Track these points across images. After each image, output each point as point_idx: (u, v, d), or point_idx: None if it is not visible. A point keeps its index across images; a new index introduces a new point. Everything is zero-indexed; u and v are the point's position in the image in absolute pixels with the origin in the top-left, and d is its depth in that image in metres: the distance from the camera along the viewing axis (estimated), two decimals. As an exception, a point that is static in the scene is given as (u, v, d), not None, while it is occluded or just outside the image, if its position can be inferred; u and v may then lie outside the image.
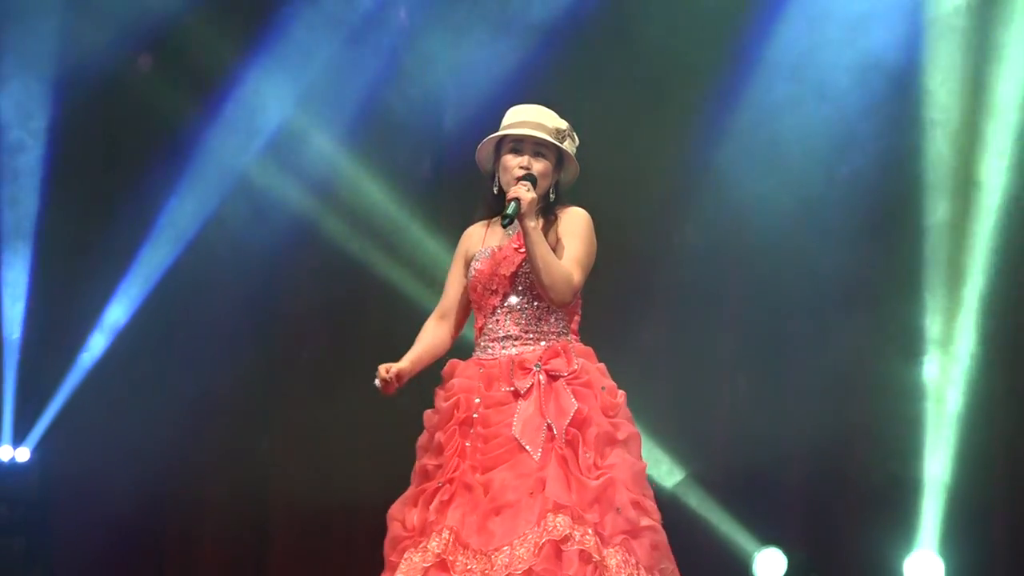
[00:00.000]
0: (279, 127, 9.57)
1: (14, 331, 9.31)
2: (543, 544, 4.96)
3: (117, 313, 9.39)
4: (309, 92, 9.49)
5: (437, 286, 7.32)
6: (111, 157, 9.76)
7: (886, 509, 7.91)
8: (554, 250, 5.22)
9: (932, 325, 7.97)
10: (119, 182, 9.66)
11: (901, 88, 8.39)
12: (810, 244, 8.34)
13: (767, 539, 8.07)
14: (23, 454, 8.76)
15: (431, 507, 5.15)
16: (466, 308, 5.44)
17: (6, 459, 8.75)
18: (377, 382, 5.23)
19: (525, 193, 5.08)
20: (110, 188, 9.67)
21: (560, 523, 4.96)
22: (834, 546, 8.05)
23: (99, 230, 9.39)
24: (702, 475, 8.23)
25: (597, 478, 5.07)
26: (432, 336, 5.43)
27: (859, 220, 8.32)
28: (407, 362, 5.31)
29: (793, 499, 8.25)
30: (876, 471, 8.05)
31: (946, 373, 7.94)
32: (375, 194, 9.17)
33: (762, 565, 8.00)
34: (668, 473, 8.22)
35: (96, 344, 9.22)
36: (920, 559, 7.73)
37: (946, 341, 8.07)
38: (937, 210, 8.14)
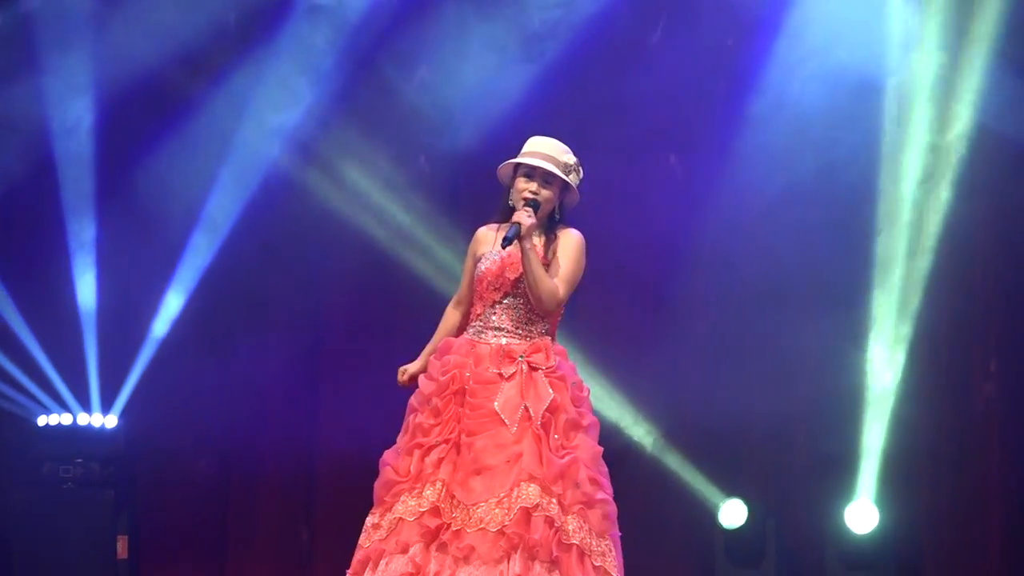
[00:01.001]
0: (308, 127, 9.83)
1: (89, 301, 9.82)
2: (516, 508, 5.59)
3: (185, 280, 9.86)
4: (335, 98, 9.78)
5: (452, 273, 8.35)
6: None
7: (831, 467, 8.53)
8: (550, 264, 5.86)
9: (876, 316, 8.51)
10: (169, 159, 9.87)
11: (859, 95, 8.68)
12: (771, 243, 8.79)
13: (731, 492, 8.68)
14: (111, 421, 9.46)
15: (427, 460, 5.76)
16: (471, 301, 6.05)
17: (97, 425, 9.47)
18: (399, 382, 6.00)
19: (526, 219, 5.70)
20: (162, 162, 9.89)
21: (531, 492, 5.62)
22: (787, 498, 8.69)
23: (157, 206, 9.80)
24: (677, 438, 8.82)
25: (563, 457, 5.72)
26: (451, 324, 6.08)
27: (815, 222, 8.69)
28: (419, 363, 6.02)
29: (753, 459, 8.88)
30: (823, 436, 8.61)
31: (884, 357, 8.50)
32: (398, 194, 9.53)
33: (726, 513, 8.60)
34: (647, 434, 8.77)
35: (164, 317, 9.77)
36: (858, 508, 8.32)
37: (886, 330, 8.55)
38: (887, 213, 8.52)
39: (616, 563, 5.72)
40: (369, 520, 5.87)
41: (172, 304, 9.75)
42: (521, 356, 5.81)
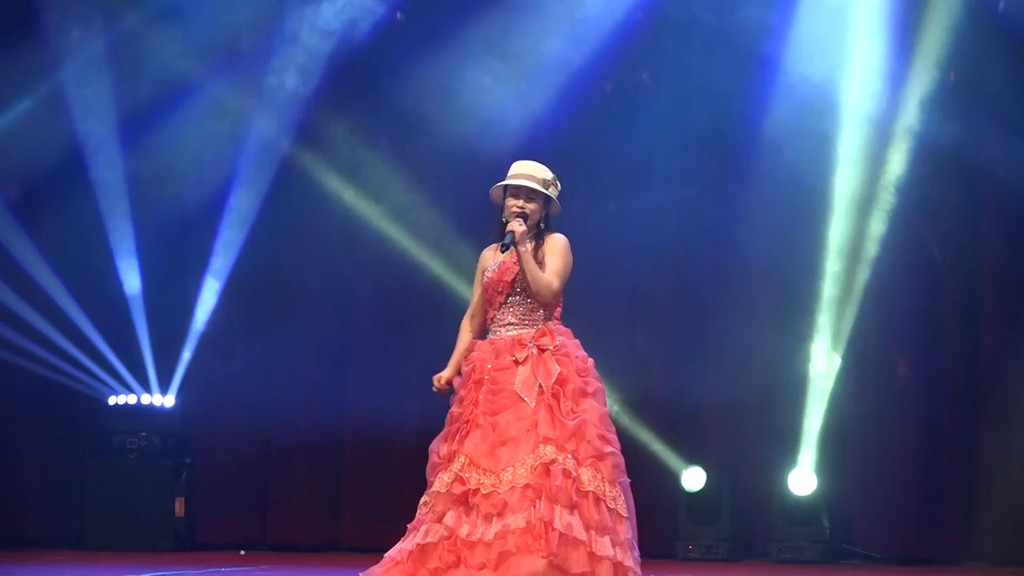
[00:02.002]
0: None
1: (134, 285, 10.21)
2: (536, 465, 5.93)
3: (218, 272, 10.21)
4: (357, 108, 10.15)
5: (464, 276, 8.88)
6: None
7: (777, 441, 9.30)
8: (541, 263, 6.23)
9: (818, 318, 9.25)
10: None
11: (814, 114, 9.27)
12: (732, 253, 9.52)
13: (692, 460, 9.42)
14: (169, 400, 10.13)
15: (454, 440, 6.14)
16: (485, 311, 6.35)
17: (158, 404, 10.10)
18: (434, 388, 6.27)
19: (518, 227, 6.11)
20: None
21: (548, 451, 5.96)
22: (740, 466, 9.44)
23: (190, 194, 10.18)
24: (647, 416, 9.44)
25: (573, 419, 6.04)
26: (467, 336, 6.43)
27: (771, 237, 9.38)
28: (450, 370, 6.33)
29: (711, 433, 9.61)
30: (771, 415, 9.33)
31: (824, 351, 9.25)
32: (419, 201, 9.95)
33: (688, 478, 9.34)
34: (620, 412, 9.28)
35: (204, 308, 10.20)
36: (799, 474, 9.13)
37: (826, 330, 9.27)
38: (833, 232, 9.22)
39: (626, 505, 6.04)
40: (422, 499, 6.20)
41: (208, 298, 10.15)
42: (531, 342, 6.16)
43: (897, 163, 9.21)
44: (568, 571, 5.91)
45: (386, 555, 6.22)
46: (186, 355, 10.16)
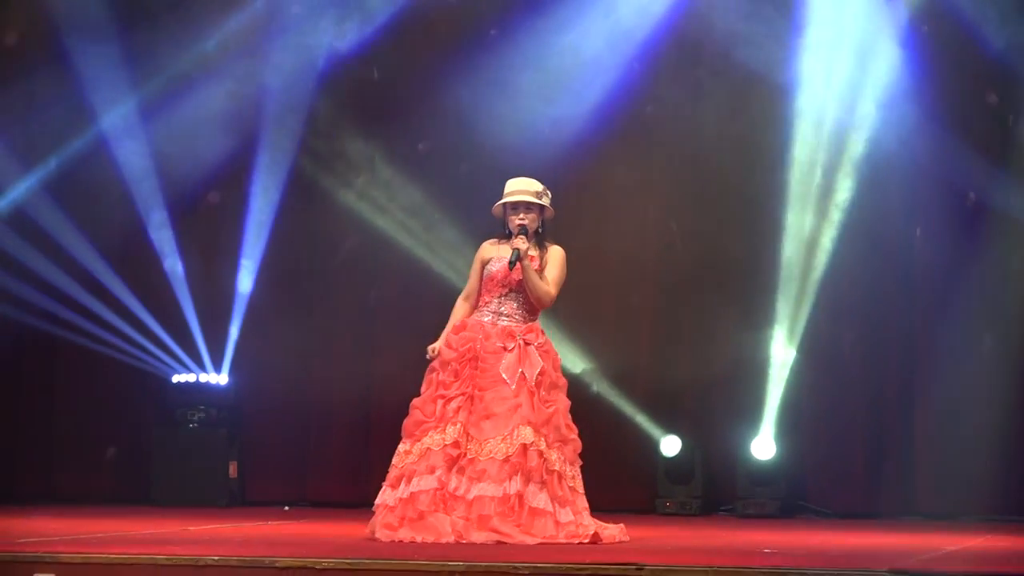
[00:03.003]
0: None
1: (176, 265, 10.49)
2: (516, 444, 6.52)
3: (252, 259, 10.46)
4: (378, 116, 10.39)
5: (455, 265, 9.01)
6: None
7: (742, 413, 9.79)
8: (542, 270, 6.77)
9: (778, 306, 9.74)
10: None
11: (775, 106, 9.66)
12: (704, 247, 10.00)
13: (669, 430, 9.88)
14: (223, 379, 10.55)
15: (448, 407, 6.62)
16: (479, 294, 6.88)
17: (213, 382, 10.54)
18: (427, 356, 6.82)
19: (521, 244, 6.70)
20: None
21: (527, 432, 6.57)
22: (710, 434, 9.92)
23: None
24: (630, 391, 9.92)
25: (549, 407, 6.68)
26: (460, 313, 6.92)
27: (737, 233, 9.86)
28: (441, 341, 6.81)
29: (686, 406, 10.07)
30: (738, 391, 9.84)
31: (783, 336, 9.75)
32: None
33: (666, 445, 9.78)
34: (606, 388, 9.78)
35: (243, 293, 10.51)
36: (761, 441, 9.65)
37: (786, 317, 9.77)
38: (793, 222, 9.70)
39: (580, 482, 6.72)
40: (401, 447, 6.69)
41: (245, 282, 10.47)
42: (519, 335, 6.74)
43: (846, 172, 9.62)
44: (536, 536, 6.47)
45: (376, 504, 6.74)
46: (233, 336, 10.49)
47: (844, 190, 9.68)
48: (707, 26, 9.74)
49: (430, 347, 6.83)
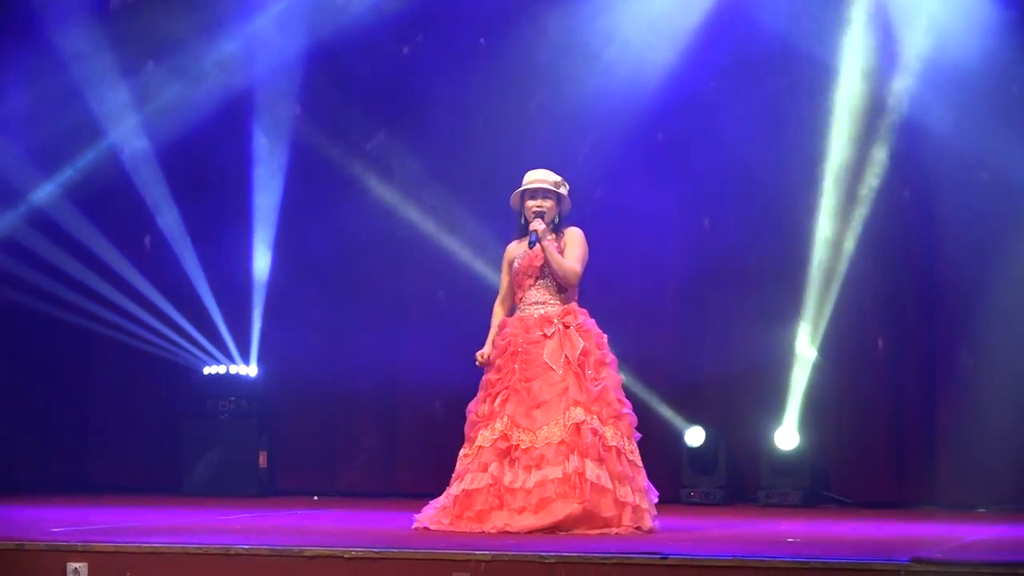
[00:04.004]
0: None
1: (191, 255, 10.54)
2: (569, 425, 6.60)
3: (264, 254, 10.52)
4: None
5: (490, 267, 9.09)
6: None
7: (767, 403, 9.78)
8: (563, 252, 6.92)
9: (804, 302, 9.76)
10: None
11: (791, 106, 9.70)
12: (730, 244, 9.98)
13: (693, 421, 9.88)
14: (253, 370, 10.64)
15: (495, 403, 6.78)
16: (513, 294, 7.03)
17: (243, 373, 10.63)
18: (477, 362, 6.94)
19: (539, 225, 6.87)
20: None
21: (578, 413, 6.65)
22: (734, 425, 9.91)
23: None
24: (656, 384, 9.87)
25: (597, 385, 6.72)
26: (499, 317, 7.06)
27: (765, 232, 9.84)
28: (488, 346, 6.95)
29: (710, 398, 10.05)
30: (762, 382, 9.80)
31: (808, 331, 9.78)
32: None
33: (690, 436, 9.78)
34: (634, 381, 9.50)
35: (259, 289, 10.56)
36: (785, 431, 9.65)
37: (810, 313, 9.76)
38: (821, 215, 9.74)
39: (639, 457, 6.78)
40: (461, 452, 6.84)
41: (262, 268, 10.51)
42: (556, 319, 6.84)
43: (874, 169, 9.65)
44: (598, 515, 6.55)
45: (432, 501, 6.90)
46: (257, 325, 10.60)
47: (871, 186, 9.73)
48: (738, 19, 9.85)
49: (478, 353, 6.96)
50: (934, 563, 5.30)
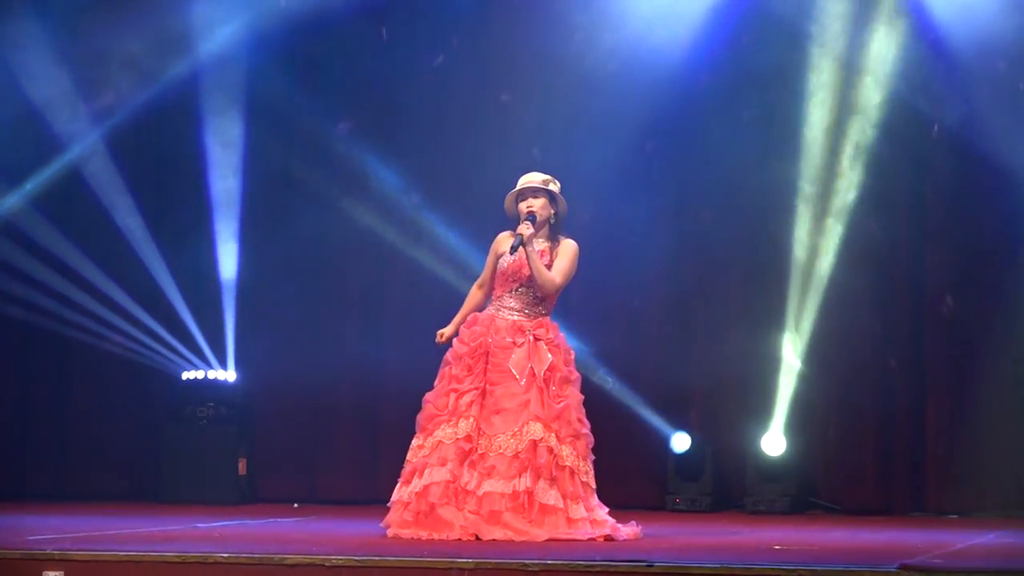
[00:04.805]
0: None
1: (155, 257, 10.41)
2: (526, 441, 6.58)
3: (230, 259, 10.42)
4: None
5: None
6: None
7: (754, 410, 9.81)
8: (553, 261, 6.84)
9: (789, 310, 9.76)
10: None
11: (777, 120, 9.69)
12: (716, 254, 10.04)
13: (679, 427, 9.85)
14: (232, 375, 10.52)
15: (461, 401, 6.70)
16: (493, 282, 6.99)
17: (222, 378, 10.48)
18: (437, 340, 6.92)
19: (526, 230, 6.74)
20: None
21: (537, 428, 6.64)
22: (720, 431, 9.89)
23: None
24: (643, 390, 9.86)
25: (559, 403, 6.72)
26: (475, 301, 7.03)
27: (752, 243, 9.89)
28: (452, 327, 6.93)
29: (696, 405, 10.06)
30: (748, 388, 9.82)
31: (793, 340, 9.79)
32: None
33: (676, 442, 9.75)
34: (618, 386, 9.72)
35: (241, 294, 10.51)
36: (771, 437, 9.64)
37: (795, 320, 9.76)
38: (804, 218, 9.74)
39: (593, 478, 6.73)
40: (414, 442, 6.78)
41: (235, 276, 10.48)
42: (529, 331, 6.82)
43: (853, 168, 9.64)
44: (547, 533, 6.52)
45: (392, 500, 6.85)
46: (230, 328, 10.52)
47: (854, 187, 9.72)
48: (726, 24, 9.88)
49: (439, 332, 6.93)
50: (923, 570, 5.29)
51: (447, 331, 6.95)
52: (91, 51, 10.08)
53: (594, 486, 6.68)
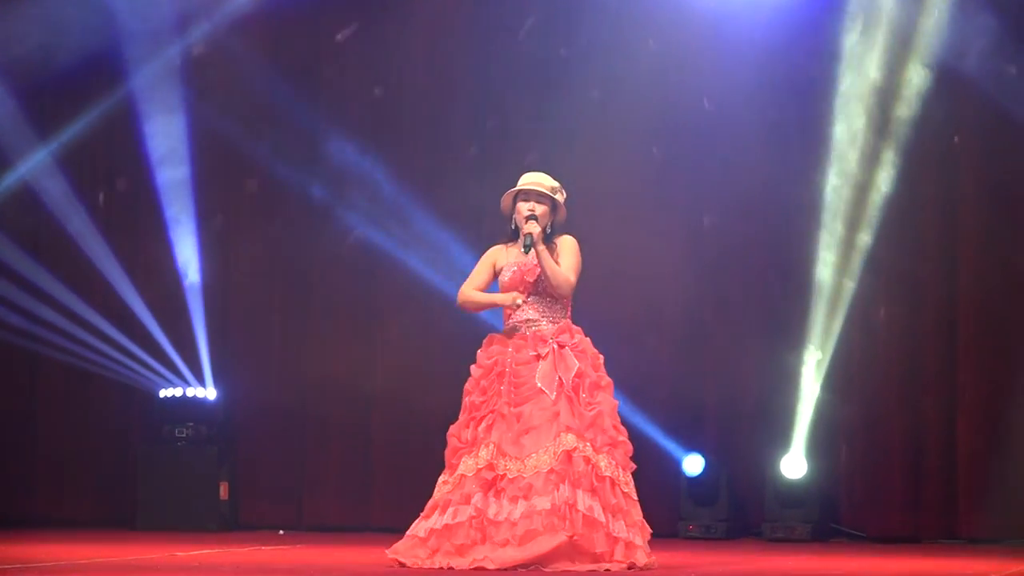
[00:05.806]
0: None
1: (113, 265, 10.25)
2: (559, 452, 6.34)
3: (229, 274, 10.30)
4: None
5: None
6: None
7: (773, 430, 9.56)
8: (556, 262, 6.63)
9: (807, 333, 9.54)
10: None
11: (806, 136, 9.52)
12: (730, 266, 9.82)
13: (692, 448, 9.64)
14: (212, 393, 10.30)
15: (479, 428, 6.50)
16: (483, 288, 6.76)
17: (201, 396, 10.27)
18: (519, 301, 6.57)
19: (534, 229, 6.56)
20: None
21: (569, 439, 6.38)
22: (736, 453, 9.67)
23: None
24: (653, 410, 9.58)
25: (591, 410, 6.47)
26: (482, 295, 6.75)
27: (774, 268, 9.71)
28: (489, 297, 6.70)
29: (711, 426, 9.85)
30: (766, 408, 9.61)
31: (813, 360, 9.55)
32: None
33: (688, 464, 9.56)
34: (630, 407, 9.03)
35: (222, 312, 10.32)
36: (792, 459, 9.41)
37: (815, 342, 9.56)
38: (821, 245, 9.55)
39: (634, 488, 6.53)
40: (440, 479, 6.56)
41: (198, 282, 10.33)
42: (551, 338, 6.58)
43: (883, 178, 9.48)
44: (588, 550, 6.27)
45: (408, 533, 6.56)
46: (209, 349, 10.40)
47: (880, 203, 9.52)
48: (737, 35, 9.74)
49: (513, 296, 6.67)
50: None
51: (506, 298, 6.70)
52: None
53: (636, 497, 6.48)
